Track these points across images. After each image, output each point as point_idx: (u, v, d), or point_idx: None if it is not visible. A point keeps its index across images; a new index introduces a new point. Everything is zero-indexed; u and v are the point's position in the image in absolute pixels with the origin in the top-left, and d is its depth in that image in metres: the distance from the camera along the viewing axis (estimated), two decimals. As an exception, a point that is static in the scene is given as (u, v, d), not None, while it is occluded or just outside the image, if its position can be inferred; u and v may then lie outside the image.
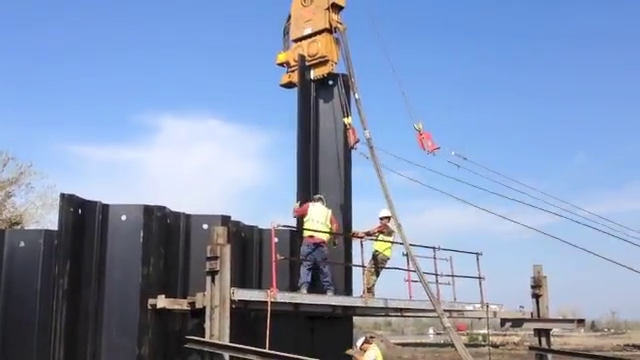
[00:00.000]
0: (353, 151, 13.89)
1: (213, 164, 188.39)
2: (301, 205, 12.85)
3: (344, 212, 14.05)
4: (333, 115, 14.41)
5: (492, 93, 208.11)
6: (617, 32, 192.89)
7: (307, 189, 13.52)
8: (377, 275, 13.95)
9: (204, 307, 9.88)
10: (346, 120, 13.88)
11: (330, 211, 12.76)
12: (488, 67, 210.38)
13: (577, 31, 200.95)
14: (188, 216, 11.61)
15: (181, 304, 10.49)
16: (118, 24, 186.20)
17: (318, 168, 14.18)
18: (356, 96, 13.59)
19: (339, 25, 14.37)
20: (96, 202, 10.85)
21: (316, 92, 14.60)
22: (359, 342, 13.94)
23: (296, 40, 14.84)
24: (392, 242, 13.74)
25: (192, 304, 10.21)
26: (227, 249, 9.94)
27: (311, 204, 12.66)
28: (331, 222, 12.61)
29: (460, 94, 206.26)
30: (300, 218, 12.78)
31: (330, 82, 14.58)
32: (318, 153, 14.27)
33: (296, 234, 12.82)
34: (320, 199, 12.88)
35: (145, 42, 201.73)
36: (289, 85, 14.84)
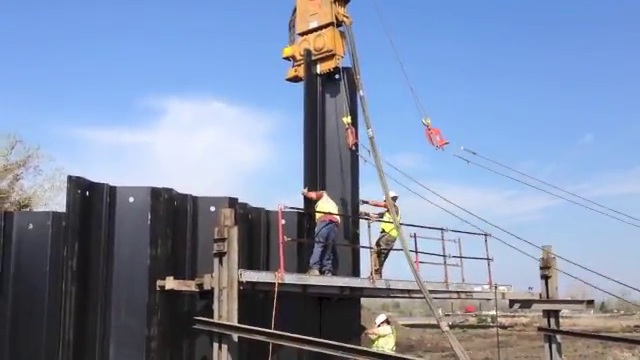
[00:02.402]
0: (352, 151, 13.64)
1: (218, 146, 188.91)
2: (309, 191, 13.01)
3: (351, 206, 13.93)
4: (339, 109, 14.16)
5: (498, 78, 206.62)
6: (626, 11, 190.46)
7: (314, 182, 13.48)
8: (385, 257, 13.99)
9: (212, 288, 9.92)
10: (345, 120, 13.55)
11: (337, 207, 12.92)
12: (494, 52, 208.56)
13: (585, 13, 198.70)
14: (195, 198, 11.60)
15: (189, 285, 10.54)
16: (123, 8, 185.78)
17: (325, 162, 14.05)
18: (361, 93, 13.37)
19: (345, 18, 14.13)
20: (103, 184, 10.86)
21: (322, 86, 14.40)
22: (379, 319, 14.18)
23: (302, 34, 14.62)
24: (400, 223, 13.73)
25: (200, 285, 10.25)
26: (234, 231, 9.95)
27: (325, 193, 12.89)
28: None
29: (466, 79, 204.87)
30: (310, 201, 12.87)
31: (337, 76, 14.35)
32: (325, 148, 14.12)
33: (303, 216, 12.82)
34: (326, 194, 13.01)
35: (149, 25, 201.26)
36: (295, 79, 14.64)
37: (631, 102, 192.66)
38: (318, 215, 12.52)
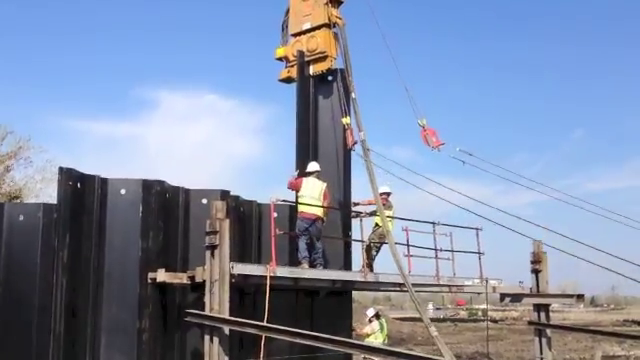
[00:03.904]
0: (351, 151, 13.56)
1: (212, 139, 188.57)
2: (297, 177, 12.76)
3: (344, 205, 13.85)
4: (332, 111, 14.08)
5: (492, 71, 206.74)
6: (618, 6, 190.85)
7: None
8: (378, 250, 14.03)
9: (204, 281, 9.91)
10: (344, 120, 13.50)
11: (325, 185, 12.67)
12: (488, 46, 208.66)
13: (578, 7, 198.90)
14: (187, 190, 11.56)
15: (181, 278, 10.51)
16: (117, 0, 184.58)
17: (317, 162, 13.95)
18: (353, 95, 13.32)
19: (338, 20, 14.01)
20: (95, 176, 10.80)
21: (315, 88, 14.30)
22: (370, 312, 14.19)
23: (295, 35, 14.50)
24: (392, 217, 13.79)
25: (192, 278, 10.24)
26: (226, 223, 9.93)
27: (304, 179, 12.62)
28: (324, 197, 12.53)
29: (459, 73, 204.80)
30: (294, 192, 12.74)
31: (329, 78, 14.28)
32: (317, 148, 14.04)
33: (295, 209, 12.79)
34: (315, 172, 12.80)
35: (143, 18, 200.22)
36: (288, 80, 14.52)
37: (621, 96, 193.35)
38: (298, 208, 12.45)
